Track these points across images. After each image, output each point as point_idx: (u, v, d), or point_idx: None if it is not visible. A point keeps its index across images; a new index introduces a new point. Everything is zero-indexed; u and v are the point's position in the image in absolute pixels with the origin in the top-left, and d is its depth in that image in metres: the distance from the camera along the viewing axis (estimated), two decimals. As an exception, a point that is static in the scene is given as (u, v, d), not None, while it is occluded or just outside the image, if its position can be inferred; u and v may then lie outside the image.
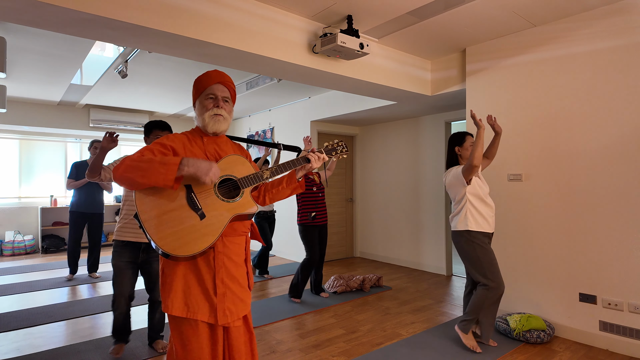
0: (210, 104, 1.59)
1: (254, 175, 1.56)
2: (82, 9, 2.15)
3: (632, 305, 2.72)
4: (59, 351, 2.82)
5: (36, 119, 6.31)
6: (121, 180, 1.37)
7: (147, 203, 1.40)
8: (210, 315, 1.46)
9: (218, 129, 1.60)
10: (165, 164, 1.34)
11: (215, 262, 1.49)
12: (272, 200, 1.72)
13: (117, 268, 2.62)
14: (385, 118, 5.73)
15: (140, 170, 1.34)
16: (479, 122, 2.63)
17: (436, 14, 3.04)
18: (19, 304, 3.91)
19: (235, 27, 2.74)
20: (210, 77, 1.60)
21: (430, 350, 2.81)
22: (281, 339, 3.05)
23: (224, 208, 1.48)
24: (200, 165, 1.39)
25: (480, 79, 3.65)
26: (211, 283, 1.48)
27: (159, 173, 1.33)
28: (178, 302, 1.45)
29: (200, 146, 1.58)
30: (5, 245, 6.49)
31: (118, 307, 2.65)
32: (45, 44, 3.70)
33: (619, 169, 2.81)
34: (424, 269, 5.46)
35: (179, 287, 1.46)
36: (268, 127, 6.77)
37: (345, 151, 1.80)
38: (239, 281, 1.56)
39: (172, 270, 1.47)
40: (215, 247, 1.50)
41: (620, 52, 2.81)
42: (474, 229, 2.73)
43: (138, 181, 1.35)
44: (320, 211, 4.00)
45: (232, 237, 1.55)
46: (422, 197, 5.49)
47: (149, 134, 2.65)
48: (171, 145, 1.51)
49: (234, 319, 1.51)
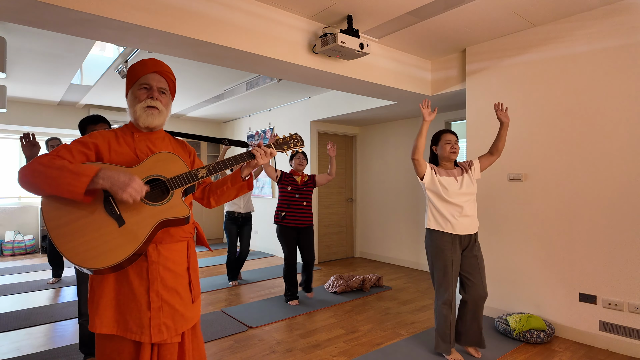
0: (143, 95, 1.41)
1: (187, 174, 1.37)
2: (82, 9, 2.15)
3: (632, 305, 2.72)
4: (59, 351, 2.82)
5: (36, 119, 6.31)
6: (25, 185, 1.20)
7: (56, 209, 1.22)
8: (143, 332, 1.31)
9: (151, 123, 1.42)
10: (77, 174, 1.17)
11: (149, 273, 1.34)
12: (219, 202, 1.58)
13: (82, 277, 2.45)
14: (385, 118, 5.73)
15: (48, 178, 1.17)
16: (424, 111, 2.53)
17: (436, 14, 3.04)
18: (19, 304, 3.90)
19: (235, 27, 2.74)
20: (146, 65, 1.43)
21: (430, 351, 2.81)
22: (281, 339, 3.05)
23: (149, 212, 1.29)
24: (117, 179, 1.21)
25: (480, 79, 3.65)
26: (145, 296, 1.32)
27: (66, 184, 1.16)
28: (107, 319, 1.30)
29: (129, 144, 1.40)
30: (5, 245, 6.49)
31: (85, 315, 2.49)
32: (45, 44, 3.70)
33: (619, 168, 2.81)
34: (424, 269, 5.46)
35: (108, 302, 1.31)
36: (268, 127, 6.77)
37: (299, 144, 1.64)
38: (179, 293, 1.39)
39: (100, 284, 1.31)
40: (149, 257, 1.34)
41: (621, 52, 2.81)
42: (433, 227, 2.62)
43: (44, 189, 1.18)
44: (294, 212, 3.86)
45: (168, 244, 1.39)
46: (422, 197, 5.49)
47: (84, 132, 2.37)
48: (94, 142, 1.33)
49: (172, 335, 1.35)
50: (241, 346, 2.91)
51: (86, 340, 2.52)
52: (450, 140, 2.65)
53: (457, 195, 2.60)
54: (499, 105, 2.66)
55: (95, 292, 1.32)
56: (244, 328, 3.25)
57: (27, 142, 2.33)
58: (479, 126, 3.66)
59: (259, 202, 6.99)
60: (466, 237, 2.63)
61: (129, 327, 1.31)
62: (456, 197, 2.59)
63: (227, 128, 8.04)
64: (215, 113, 7.06)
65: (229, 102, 6.07)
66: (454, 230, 2.57)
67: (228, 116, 7.40)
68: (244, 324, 3.36)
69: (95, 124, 2.35)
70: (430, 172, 2.62)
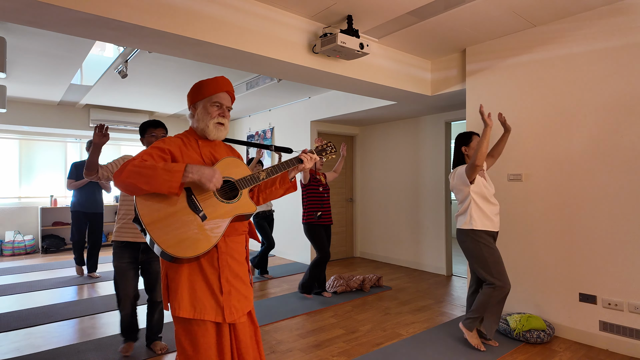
0: (215, 112, 1.61)
1: (251, 176, 1.59)
2: (82, 9, 2.15)
3: (632, 305, 2.72)
4: (59, 351, 2.82)
5: (36, 119, 6.31)
6: (123, 185, 1.36)
7: (148, 207, 1.40)
8: (217, 314, 1.49)
9: (220, 137, 1.64)
10: (170, 171, 1.35)
11: (219, 261, 1.52)
12: (266, 200, 1.77)
13: (119, 269, 2.64)
14: (385, 118, 5.73)
15: (144, 177, 1.34)
16: (487, 119, 2.61)
17: (436, 14, 3.04)
18: (19, 304, 3.91)
19: (235, 27, 2.74)
20: (219, 84, 1.62)
21: (430, 351, 2.81)
22: (281, 339, 3.05)
23: (224, 209, 1.50)
24: (204, 172, 1.41)
25: (480, 79, 3.65)
26: (217, 282, 1.50)
27: (163, 180, 1.34)
28: (185, 303, 1.46)
29: (195, 149, 1.60)
30: (5, 245, 6.49)
31: (124, 308, 2.68)
32: (45, 44, 3.70)
33: (619, 168, 2.81)
34: (424, 269, 5.46)
35: (185, 289, 1.47)
36: (268, 127, 6.77)
37: (333, 151, 1.87)
38: (242, 279, 1.59)
39: (177, 273, 1.48)
40: (219, 247, 1.52)
41: (620, 52, 2.81)
42: (479, 227, 2.74)
43: (141, 187, 1.35)
44: (325, 211, 4.08)
45: (233, 236, 1.58)
46: (422, 197, 5.49)
47: (144, 134, 2.66)
48: (169, 149, 1.52)
49: (240, 315, 1.54)
50: (241, 346, 2.91)
51: (126, 326, 2.72)
52: None
53: (492, 194, 2.83)
54: (503, 117, 3.00)
55: (174, 281, 1.48)
56: (244, 328, 3.25)
57: (100, 132, 2.53)
58: (479, 126, 3.66)
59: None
60: (496, 232, 2.85)
61: (205, 310, 1.47)
62: (492, 196, 2.82)
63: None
64: (215, 113, 7.05)
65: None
66: (495, 228, 2.80)
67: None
68: (244, 324, 3.35)
69: (156, 127, 2.65)
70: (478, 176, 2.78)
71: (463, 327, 2.86)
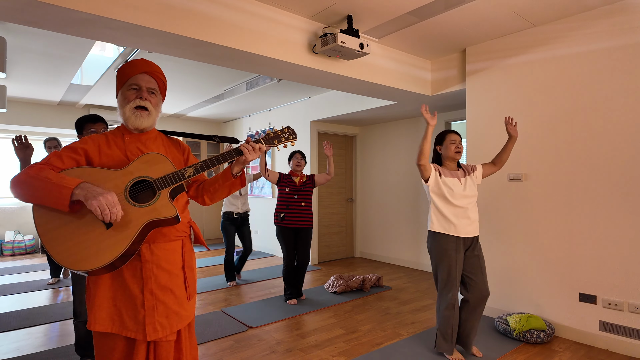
0: (132, 95, 1.42)
1: (173, 174, 1.37)
2: (82, 9, 2.15)
3: (632, 305, 2.72)
4: (59, 351, 2.82)
5: (36, 119, 6.31)
6: (15, 195, 1.26)
7: (46, 215, 1.26)
8: (138, 330, 1.33)
9: (140, 125, 1.43)
10: (60, 187, 1.20)
11: (143, 272, 1.36)
12: (213, 200, 1.57)
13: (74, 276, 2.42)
14: (385, 118, 5.73)
15: (32, 189, 1.21)
16: (427, 116, 2.45)
17: (436, 14, 3.04)
18: (19, 304, 3.91)
19: (235, 27, 2.74)
20: (135, 65, 1.43)
21: (431, 351, 2.81)
22: (281, 339, 3.05)
23: (135, 214, 1.31)
24: (93, 189, 1.22)
25: (480, 79, 3.65)
26: (139, 296, 1.35)
27: (52, 196, 1.20)
28: (102, 316, 1.33)
29: (120, 146, 1.42)
30: (5, 245, 6.49)
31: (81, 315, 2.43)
32: (45, 44, 3.70)
33: (619, 169, 2.81)
34: (424, 269, 5.46)
35: (104, 300, 1.33)
36: (268, 127, 6.77)
37: (291, 138, 1.59)
38: (174, 292, 1.41)
39: (96, 284, 1.34)
40: (142, 256, 1.36)
41: (621, 52, 2.81)
42: (436, 230, 2.60)
43: (30, 200, 1.24)
44: (293, 213, 3.85)
45: (161, 243, 1.40)
46: (422, 197, 5.49)
47: (82, 130, 2.38)
48: (84, 148, 1.36)
49: (167, 333, 1.37)
50: (241, 346, 2.91)
51: (81, 342, 2.47)
52: (455, 140, 2.65)
53: (461, 197, 2.60)
54: (510, 120, 2.70)
55: (91, 291, 1.35)
56: (244, 328, 3.25)
57: (20, 145, 2.34)
58: (479, 126, 3.66)
59: (258, 202, 7.00)
60: (469, 238, 2.63)
61: (125, 325, 1.33)
62: (460, 199, 2.60)
63: (227, 128, 8.04)
64: (215, 113, 7.06)
65: (229, 102, 6.07)
66: (457, 233, 2.58)
67: (228, 116, 7.40)
68: (244, 323, 3.36)
69: (95, 122, 2.37)
70: (435, 174, 2.60)
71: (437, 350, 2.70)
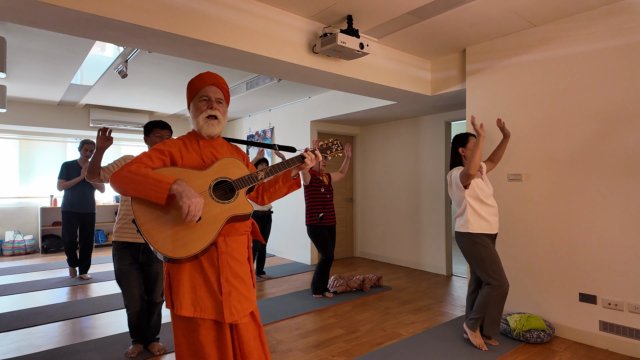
0: (203, 106, 1.61)
1: (249, 176, 1.58)
2: (82, 9, 2.15)
3: (632, 305, 2.72)
4: (59, 351, 2.82)
5: (36, 119, 6.31)
6: (116, 188, 1.43)
7: (144, 207, 1.43)
8: (218, 314, 1.50)
9: (212, 132, 1.62)
10: (159, 182, 1.38)
11: (219, 261, 1.52)
12: (271, 200, 1.77)
13: (120, 272, 2.63)
14: (385, 118, 5.73)
15: (135, 184, 1.38)
16: (480, 129, 2.65)
17: (436, 14, 3.04)
18: (19, 304, 3.91)
19: (235, 27, 2.74)
20: (203, 79, 1.62)
21: (430, 350, 2.81)
22: (281, 339, 3.05)
23: (220, 209, 1.50)
24: (189, 190, 1.40)
25: (480, 79, 3.65)
26: (216, 283, 1.51)
27: (151, 190, 1.37)
28: (186, 302, 1.48)
29: (196, 150, 1.61)
30: (5, 245, 6.49)
31: (130, 306, 2.65)
32: (45, 44, 3.70)
33: (619, 169, 2.81)
34: (424, 269, 5.46)
35: (186, 288, 1.49)
36: (268, 127, 6.77)
37: (340, 149, 1.83)
38: (244, 279, 1.59)
39: (178, 272, 1.50)
40: (219, 247, 1.53)
41: (621, 52, 2.81)
42: (476, 230, 2.76)
43: (131, 194, 1.40)
44: (328, 212, 4.08)
45: (234, 236, 1.58)
46: (422, 197, 5.49)
47: (149, 133, 2.68)
48: (169, 150, 1.54)
49: (241, 316, 1.54)
50: (241, 346, 2.91)
51: (135, 328, 2.72)
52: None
53: (489, 195, 2.85)
54: (502, 123, 3.02)
55: (174, 280, 1.50)
56: (244, 328, 3.25)
57: (103, 136, 2.54)
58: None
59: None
60: (495, 234, 2.87)
61: (206, 309, 1.49)
62: (489, 197, 2.82)
63: (227, 128, 8.04)
64: (215, 113, 7.05)
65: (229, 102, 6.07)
66: (492, 230, 2.81)
67: (228, 116, 7.40)
68: (244, 324, 3.35)
69: (163, 128, 2.68)
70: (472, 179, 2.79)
71: (466, 328, 2.89)
